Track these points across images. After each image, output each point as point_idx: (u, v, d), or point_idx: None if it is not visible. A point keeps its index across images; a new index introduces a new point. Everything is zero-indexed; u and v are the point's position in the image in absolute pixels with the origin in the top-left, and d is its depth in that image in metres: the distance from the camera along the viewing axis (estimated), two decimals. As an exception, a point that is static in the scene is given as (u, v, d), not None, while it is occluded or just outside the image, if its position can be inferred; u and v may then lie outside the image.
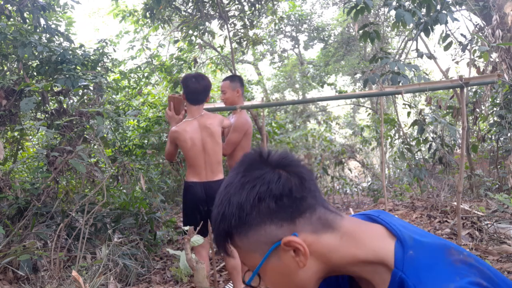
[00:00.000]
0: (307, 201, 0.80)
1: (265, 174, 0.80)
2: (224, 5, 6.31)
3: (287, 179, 0.80)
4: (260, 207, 0.78)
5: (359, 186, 8.73)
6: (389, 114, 7.35)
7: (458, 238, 2.96)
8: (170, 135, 2.87)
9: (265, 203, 0.78)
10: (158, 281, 3.21)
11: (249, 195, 0.79)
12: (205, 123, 2.83)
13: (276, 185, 0.78)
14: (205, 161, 2.83)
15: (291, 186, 0.79)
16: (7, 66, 4.45)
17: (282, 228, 0.79)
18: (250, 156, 0.85)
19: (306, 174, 0.83)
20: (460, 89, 3.00)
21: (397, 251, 0.77)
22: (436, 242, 0.78)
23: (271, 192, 0.78)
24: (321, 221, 0.81)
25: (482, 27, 5.48)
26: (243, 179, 0.80)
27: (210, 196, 2.79)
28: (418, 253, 0.75)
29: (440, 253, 0.76)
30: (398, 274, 0.74)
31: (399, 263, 0.75)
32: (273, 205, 0.78)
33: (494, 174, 5.89)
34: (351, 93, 6.46)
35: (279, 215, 0.78)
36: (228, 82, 3.25)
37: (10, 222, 3.19)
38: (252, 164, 0.83)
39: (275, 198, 0.78)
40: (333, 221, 0.82)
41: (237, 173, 0.83)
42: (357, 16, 4.17)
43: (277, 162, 0.83)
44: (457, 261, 0.74)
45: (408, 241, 0.78)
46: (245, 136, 3.17)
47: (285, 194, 0.78)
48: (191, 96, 2.84)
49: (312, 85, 11.53)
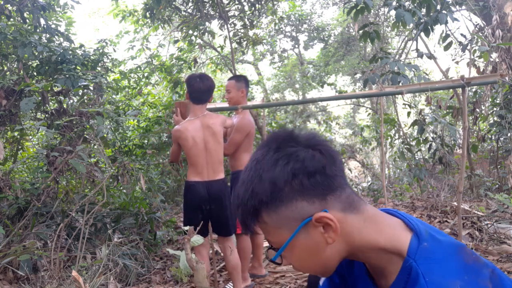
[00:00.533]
0: (338, 180, 0.81)
1: (298, 151, 0.80)
2: (224, 5, 6.31)
3: (321, 157, 0.80)
4: (293, 183, 0.78)
5: (359, 186, 8.73)
6: (389, 114, 7.35)
7: (459, 238, 2.97)
8: (173, 134, 2.89)
9: (299, 179, 0.78)
10: (158, 281, 3.21)
11: (283, 171, 0.78)
12: (208, 123, 2.84)
13: (311, 162, 0.79)
14: (206, 161, 2.84)
15: (325, 164, 0.80)
16: (7, 66, 4.45)
17: (314, 204, 0.79)
18: (281, 133, 0.85)
19: (336, 154, 0.84)
20: (461, 89, 3.00)
21: (412, 242, 0.78)
22: (451, 241, 0.80)
23: (305, 169, 0.78)
24: (349, 201, 0.82)
25: (482, 27, 5.48)
26: (276, 155, 0.80)
27: (212, 195, 2.79)
28: (432, 246, 0.77)
29: (453, 250, 0.77)
30: (409, 261, 0.76)
31: (412, 252, 0.77)
32: (307, 182, 0.78)
33: (494, 174, 5.89)
34: (351, 93, 6.46)
35: (311, 192, 0.79)
36: (234, 82, 3.26)
37: (10, 222, 3.19)
38: (284, 141, 0.82)
39: (309, 174, 0.78)
40: (359, 203, 0.83)
41: (268, 150, 0.82)
42: (357, 16, 4.16)
43: (308, 141, 0.83)
44: (469, 260, 0.76)
45: (424, 235, 0.79)
46: (247, 136, 3.17)
47: (318, 172, 0.79)
48: (194, 95, 2.86)
49: (312, 85, 11.53)
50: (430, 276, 0.73)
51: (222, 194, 2.85)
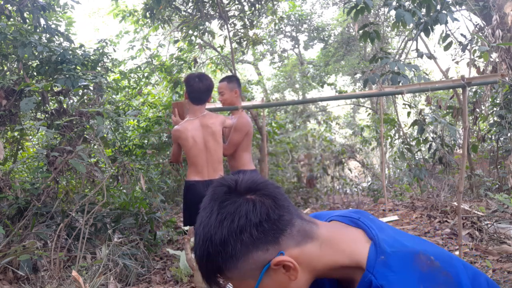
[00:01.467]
0: (285, 218, 0.83)
1: (240, 206, 0.82)
2: (224, 5, 6.31)
3: (262, 204, 0.83)
4: (243, 238, 0.81)
5: (359, 186, 8.73)
6: (389, 114, 7.35)
7: (459, 238, 2.96)
8: (173, 134, 2.89)
9: (247, 233, 0.81)
10: (158, 281, 3.20)
11: (230, 230, 0.81)
12: (207, 123, 2.84)
13: (254, 213, 0.81)
14: (206, 160, 2.84)
15: (267, 210, 0.82)
16: (7, 66, 4.45)
17: (269, 251, 0.82)
18: (219, 190, 0.87)
19: (276, 192, 0.86)
20: (462, 89, 2.99)
21: (370, 254, 0.83)
22: (407, 249, 0.84)
23: (250, 222, 0.81)
24: (301, 233, 0.85)
25: (482, 27, 5.48)
26: (220, 216, 0.82)
27: None
28: (388, 259, 0.81)
29: (408, 259, 0.81)
30: (368, 276, 0.80)
31: (371, 266, 0.81)
32: (255, 233, 0.81)
33: (494, 174, 5.88)
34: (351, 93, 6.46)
35: (263, 240, 0.81)
36: (226, 83, 3.23)
37: (10, 222, 3.19)
38: (224, 198, 0.85)
39: (256, 226, 0.81)
40: (311, 230, 0.86)
41: (211, 211, 0.84)
42: (357, 16, 4.16)
43: (247, 188, 0.85)
44: (423, 267, 0.80)
45: (382, 246, 0.83)
46: (246, 136, 3.17)
47: (264, 220, 0.81)
48: (193, 96, 2.85)
49: (312, 85, 11.53)
50: (387, 287, 0.77)
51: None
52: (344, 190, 9.05)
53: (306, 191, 8.69)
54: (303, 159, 9.92)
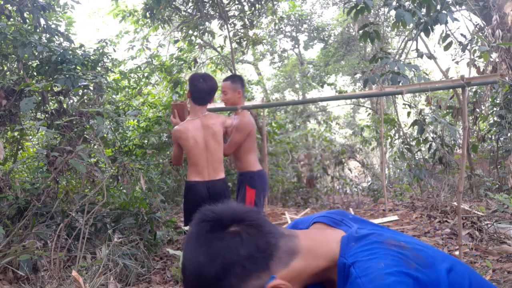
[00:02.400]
0: (271, 243, 0.85)
1: (228, 243, 0.82)
2: (224, 5, 6.31)
3: (248, 236, 0.84)
4: (236, 273, 0.82)
5: (359, 186, 8.73)
6: (389, 114, 7.35)
7: (459, 238, 2.96)
8: (173, 134, 2.87)
9: (240, 267, 0.82)
10: (158, 281, 3.20)
11: (222, 268, 0.81)
12: (208, 123, 2.84)
13: (242, 248, 0.82)
14: (207, 160, 2.84)
15: (255, 241, 0.84)
16: (7, 66, 4.45)
17: (261, 278, 0.83)
18: (201, 228, 0.86)
19: (259, 219, 0.87)
20: (461, 89, 3.00)
21: (342, 244, 0.88)
22: (377, 235, 0.88)
23: (241, 256, 0.82)
24: (287, 253, 0.86)
25: (482, 27, 5.48)
26: (209, 256, 0.82)
27: (213, 194, 2.79)
28: (358, 242, 0.86)
29: (377, 241, 0.85)
30: (341, 260, 0.85)
31: (343, 252, 0.85)
32: (247, 265, 0.82)
33: (494, 174, 5.88)
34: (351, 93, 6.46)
35: (255, 270, 0.83)
36: (229, 83, 3.22)
37: (10, 222, 3.19)
38: (209, 235, 0.84)
39: (246, 258, 0.82)
40: (294, 246, 0.88)
41: (198, 253, 0.83)
42: (357, 16, 4.16)
43: (230, 221, 0.85)
44: (392, 246, 0.84)
45: (352, 234, 0.88)
46: (248, 136, 3.16)
47: (253, 251, 0.83)
48: (196, 96, 2.84)
49: (312, 85, 11.53)
50: (358, 264, 0.81)
51: (223, 193, 2.85)
52: (344, 190, 9.05)
53: (306, 191, 8.69)
54: (303, 159, 9.92)
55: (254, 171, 3.22)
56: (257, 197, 3.17)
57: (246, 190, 3.16)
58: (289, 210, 6.57)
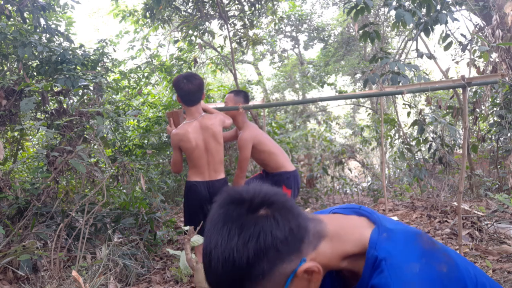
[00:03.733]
0: (301, 226, 0.84)
1: (263, 224, 0.80)
2: (224, 5, 6.30)
3: (282, 218, 0.81)
4: (270, 256, 0.79)
5: (359, 186, 8.73)
6: (389, 114, 7.35)
7: (459, 238, 2.96)
8: (173, 139, 2.82)
9: (274, 250, 0.79)
10: (158, 281, 3.20)
11: (257, 250, 0.78)
12: (206, 124, 2.82)
13: (278, 230, 0.80)
14: (208, 162, 2.83)
15: (289, 223, 0.82)
16: (7, 66, 4.45)
17: (292, 261, 0.82)
18: (231, 209, 0.82)
19: (288, 202, 0.86)
20: (462, 89, 2.99)
21: (373, 235, 0.86)
22: (409, 229, 0.88)
23: (276, 239, 0.80)
24: (315, 236, 0.86)
25: (482, 27, 5.47)
26: (242, 238, 0.79)
27: (214, 194, 2.79)
28: (391, 235, 0.84)
29: (411, 238, 0.85)
30: (371, 252, 0.83)
31: (373, 243, 0.84)
32: (281, 247, 0.80)
33: (494, 174, 5.88)
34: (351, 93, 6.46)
35: (287, 253, 0.81)
36: (232, 95, 3.28)
37: (10, 222, 3.19)
38: (241, 219, 0.81)
39: (281, 241, 0.80)
40: (321, 229, 0.87)
41: (230, 236, 0.79)
42: (357, 16, 4.16)
43: (260, 203, 0.82)
44: (426, 246, 0.83)
45: (384, 226, 0.86)
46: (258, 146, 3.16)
47: (287, 233, 0.81)
48: (186, 98, 2.80)
49: (312, 85, 11.53)
50: (390, 261, 0.79)
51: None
52: (344, 190, 9.05)
53: (306, 191, 8.69)
54: (303, 159, 9.92)
55: (290, 171, 3.22)
56: (292, 197, 3.20)
57: (283, 190, 3.17)
58: (289, 210, 6.55)
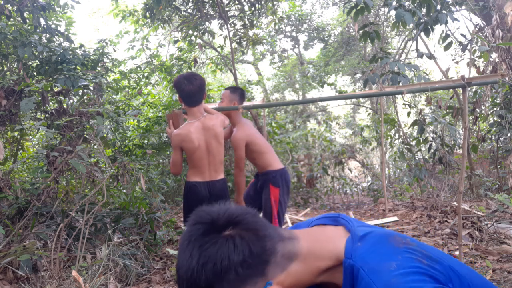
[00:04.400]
0: (268, 249, 0.82)
1: (220, 247, 0.80)
2: (224, 5, 6.31)
3: (242, 241, 0.80)
4: (229, 278, 0.79)
5: (359, 186, 8.73)
6: (389, 114, 7.35)
7: (459, 238, 2.96)
8: (174, 139, 2.78)
9: (233, 273, 0.79)
10: (158, 281, 3.20)
11: (215, 273, 0.78)
12: (208, 125, 2.81)
13: (236, 253, 0.79)
14: (209, 162, 2.82)
15: (249, 246, 0.81)
16: (7, 66, 4.45)
17: (257, 284, 0.81)
18: (195, 230, 0.83)
19: (256, 223, 0.84)
20: (462, 89, 3.00)
21: (347, 245, 0.85)
22: (381, 232, 0.87)
23: (233, 262, 0.79)
24: (285, 257, 0.84)
25: (482, 27, 5.47)
26: (201, 260, 0.79)
27: (214, 194, 2.79)
28: (365, 242, 0.83)
29: (383, 239, 0.84)
30: (347, 262, 0.82)
31: (348, 253, 0.83)
32: (241, 270, 0.79)
33: (494, 174, 5.88)
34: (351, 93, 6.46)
35: (249, 275, 0.80)
36: (228, 92, 3.28)
37: (10, 222, 3.19)
38: (202, 239, 0.81)
39: (240, 264, 0.79)
40: (293, 250, 0.86)
41: (191, 255, 0.81)
42: (357, 16, 4.16)
43: (225, 224, 0.82)
44: (399, 244, 0.82)
45: (357, 234, 0.85)
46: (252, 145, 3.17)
47: (247, 256, 0.80)
48: (188, 99, 2.79)
49: (312, 85, 11.53)
50: (367, 266, 0.79)
51: (223, 193, 2.84)
52: (344, 190, 9.05)
53: (306, 191, 8.69)
54: (303, 159, 9.92)
55: (276, 169, 3.23)
56: (281, 196, 3.19)
57: (270, 189, 3.18)
58: (289, 210, 6.57)
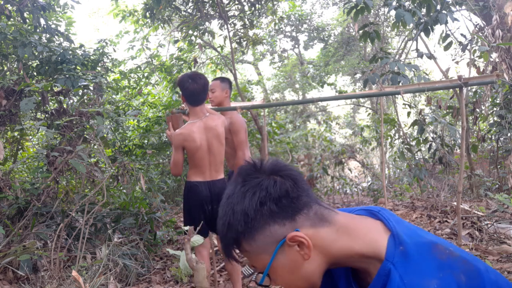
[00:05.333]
0: (303, 199, 0.88)
1: (262, 181, 0.88)
2: (224, 5, 6.31)
3: (282, 182, 0.88)
4: (262, 211, 0.86)
5: (359, 186, 8.73)
6: (389, 114, 7.35)
7: (458, 238, 2.96)
8: (177, 139, 2.76)
9: (267, 206, 0.86)
10: (158, 281, 3.21)
11: (251, 202, 0.86)
12: (211, 125, 2.80)
13: (274, 188, 0.87)
14: (209, 162, 2.81)
15: (287, 187, 0.87)
16: (7, 66, 4.45)
17: (285, 226, 0.86)
18: (245, 167, 0.93)
19: (297, 176, 0.91)
20: (459, 89, 3.00)
21: (389, 245, 0.84)
22: (425, 239, 0.86)
23: (270, 196, 0.86)
24: (318, 216, 0.88)
25: (482, 27, 5.47)
26: (243, 188, 0.88)
27: (215, 194, 2.78)
28: (408, 248, 0.83)
29: (427, 249, 0.83)
30: (387, 265, 0.82)
31: (390, 256, 0.83)
32: (274, 207, 0.86)
33: (494, 174, 5.88)
34: (351, 93, 6.46)
35: (280, 215, 0.86)
36: (218, 82, 3.37)
37: (10, 222, 3.19)
38: (248, 174, 0.91)
39: (275, 200, 0.86)
40: (329, 215, 0.89)
41: (236, 184, 0.91)
42: (357, 16, 4.16)
43: (270, 169, 0.91)
44: (443, 256, 0.82)
45: (401, 237, 0.85)
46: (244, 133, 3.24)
47: (283, 196, 0.86)
48: (191, 98, 2.79)
49: (312, 85, 11.53)
50: (408, 277, 0.79)
51: (223, 193, 2.85)
52: (344, 190, 9.05)
53: (306, 191, 8.68)
54: (303, 159, 9.92)
55: None
56: None
57: None
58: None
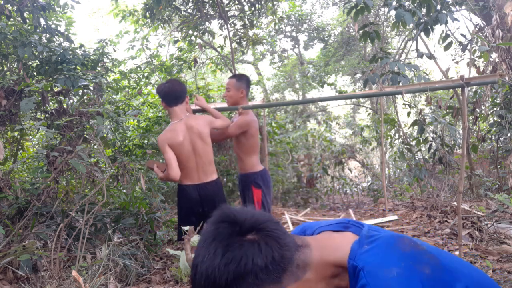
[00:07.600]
0: (286, 257, 0.85)
1: (246, 249, 0.82)
2: (224, 5, 6.30)
3: (266, 246, 0.83)
4: (248, 281, 0.81)
5: (359, 186, 8.73)
6: (389, 114, 7.35)
7: (459, 238, 2.96)
8: (160, 139, 2.77)
9: (253, 276, 0.81)
10: (158, 281, 3.20)
11: (236, 274, 0.81)
12: (191, 124, 2.80)
13: (260, 257, 0.82)
14: (196, 163, 2.80)
15: (272, 252, 0.83)
16: (7, 66, 4.45)
17: None
18: (221, 229, 0.85)
19: (278, 231, 0.87)
20: (461, 89, 3.00)
21: (353, 247, 0.87)
22: (389, 234, 0.89)
23: (256, 266, 0.81)
24: (299, 267, 0.86)
25: (482, 27, 5.47)
26: (225, 259, 0.81)
27: (204, 197, 2.77)
28: (372, 245, 0.85)
29: (390, 243, 0.86)
30: (350, 263, 0.85)
31: (353, 255, 0.85)
32: (261, 275, 0.82)
33: (494, 174, 5.88)
34: (351, 93, 6.46)
35: (267, 281, 0.83)
36: (234, 81, 3.21)
37: (10, 222, 3.19)
38: (228, 239, 0.84)
39: (261, 269, 0.82)
40: (306, 259, 0.88)
41: (215, 253, 0.83)
42: (357, 16, 4.16)
43: (251, 226, 0.85)
44: (406, 248, 0.84)
45: (365, 237, 0.87)
46: (252, 137, 3.17)
47: (269, 262, 0.82)
48: (169, 98, 2.83)
49: (312, 85, 11.52)
50: (368, 268, 0.81)
51: (216, 195, 2.81)
52: (344, 190, 9.05)
53: (306, 191, 8.70)
54: (303, 159, 9.92)
55: (257, 171, 3.23)
56: (263, 197, 3.19)
57: (252, 191, 3.18)
58: (289, 210, 6.57)
